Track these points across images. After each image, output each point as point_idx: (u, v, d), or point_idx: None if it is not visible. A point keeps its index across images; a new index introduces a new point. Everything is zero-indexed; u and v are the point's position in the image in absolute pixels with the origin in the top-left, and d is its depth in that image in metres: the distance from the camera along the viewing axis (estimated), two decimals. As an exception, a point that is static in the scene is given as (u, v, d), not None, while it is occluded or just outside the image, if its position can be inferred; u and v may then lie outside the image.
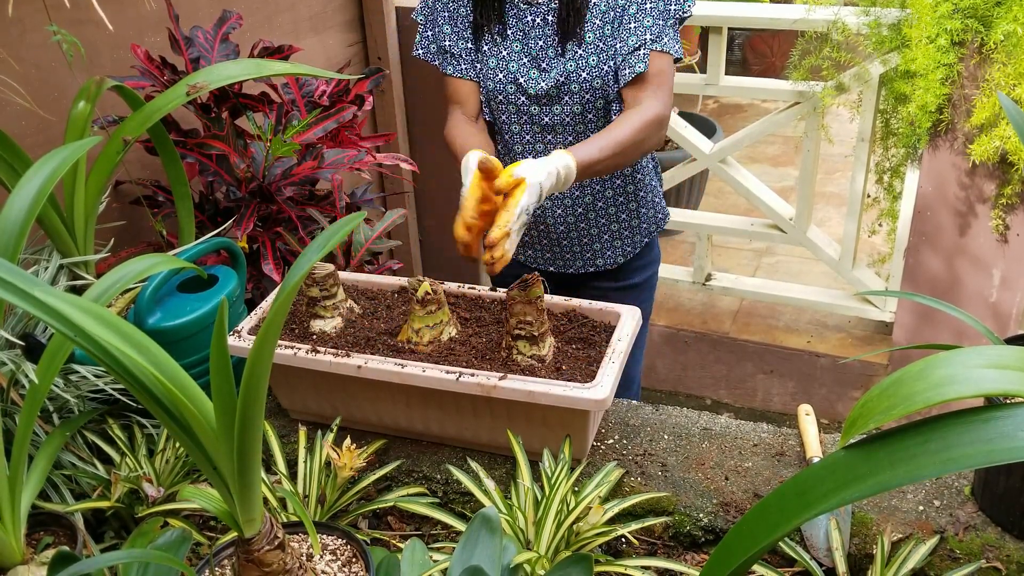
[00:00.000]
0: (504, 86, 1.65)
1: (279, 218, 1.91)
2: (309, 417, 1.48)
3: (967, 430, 0.67)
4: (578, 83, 1.60)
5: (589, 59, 1.59)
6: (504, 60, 1.63)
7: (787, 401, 3.08)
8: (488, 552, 0.99)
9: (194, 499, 0.94)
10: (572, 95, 1.62)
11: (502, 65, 1.64)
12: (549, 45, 1.61)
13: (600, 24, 1.58)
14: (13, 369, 1.24)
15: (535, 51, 1.61)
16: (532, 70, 1.62)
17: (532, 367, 1.31)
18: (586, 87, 1.61)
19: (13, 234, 1.18)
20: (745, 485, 1.29)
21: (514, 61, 1.63)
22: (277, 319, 0.83)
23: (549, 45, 1.61)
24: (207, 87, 1.45)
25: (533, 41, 1.61)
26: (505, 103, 1.67)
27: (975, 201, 2.39)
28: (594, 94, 1.62)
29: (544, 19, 1.60)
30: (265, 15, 2.43)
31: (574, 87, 1.61)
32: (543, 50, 1.61)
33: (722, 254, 3.78)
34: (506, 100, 1.66)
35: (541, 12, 1.60)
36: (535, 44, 1.61)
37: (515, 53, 1.63)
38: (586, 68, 1.59)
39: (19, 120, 1.78)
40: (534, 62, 1.62)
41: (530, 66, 1.62)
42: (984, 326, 1.18)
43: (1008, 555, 1.15)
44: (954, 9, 2.13)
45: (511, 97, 1.65)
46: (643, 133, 1.55)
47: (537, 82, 1.62)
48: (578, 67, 1.60)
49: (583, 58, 1.59)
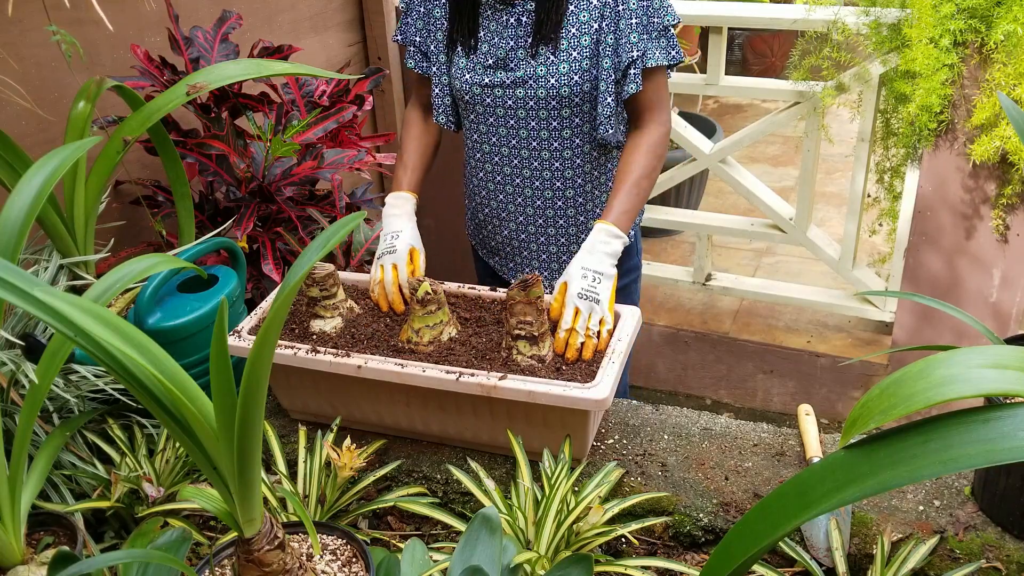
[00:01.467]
0: (471, 87, 1.65)
1: (279, 218, 1.91)
2: (309, 417, 1.48)
3: (967, 430, 0.67)
4: (545, 88, 1.60)
5: (560, 66, 1.58)
6: (472, 61, 1.64)
7: (787, 401, 3.07)
8: (488, 552, 0.99)
9: (194, 499, 0.94)
10: (539, 100, 1.61)
11: (470, 66, 1.64)
12: (520, 47, 1.60)
13: (577, 34, 1.57)
14: (13, 369, 1.24)
15: (505, 51, 1.60)
16: (499, 71, 1.62)
17: (532, 367, 1.31)
18: (553, 93, 1.60)
19: (13, 234, 1.18)
20: (745, 485, 1.29)
21: (480, 62, 1.63)
22: (277, 319, 0.83)
23: (520, 47, 1.60)
24: (207, 87, 1.45)
25: (504, 41, 1.60)
26: (473, 103, 1.67)
27: (975, 201, 2.39)
28: (560, 101, 1.61)
29: (519, 20, 1.59)
30: (265, 15, 2.43)
31: (541, 91, 1.60)
32: (513, 51, 1.60)
33: (722, 254, 3.78)
34: (473, 100, 1.66)
35: (516, 13, 1.59)
36: (506, 44, 1.60)
37: (483, 55, 1.62)
38: (555, 75, 1.58)
39: (19, 120, 1.78)
40: (501, 63, 1.61)
41: (496, 67, 1.62)
42: (984, 326, 1.18)
43: (1008, 555, 1.15)
44: (956, 9, 2.13)
45: (478, 97, 1.65)
46: (654, 158, 1.62)
47: (503, 82, 1.62)
48: (548, 72, 1.59)
49: (555, 64, 1.58)
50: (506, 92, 1.63)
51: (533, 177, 1.71)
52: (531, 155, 1.68)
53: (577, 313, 1.37)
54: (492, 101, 1.64)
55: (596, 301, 1.38)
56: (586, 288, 1.40)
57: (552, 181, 1.71)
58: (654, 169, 1.62)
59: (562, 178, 1.70)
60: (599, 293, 1.40)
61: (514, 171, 1.71)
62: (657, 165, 1.63)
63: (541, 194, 1.73)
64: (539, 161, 1.68)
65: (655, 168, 1.62)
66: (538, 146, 1.67)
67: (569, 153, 1.67)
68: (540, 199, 1.73)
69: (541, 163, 1.69)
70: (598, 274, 1.42)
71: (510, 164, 1.71)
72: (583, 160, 1.69)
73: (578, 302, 1.38)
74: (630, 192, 1.57)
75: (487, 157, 1.73)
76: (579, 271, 1.42)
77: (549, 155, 1.67)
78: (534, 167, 1.69)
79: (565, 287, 1.42)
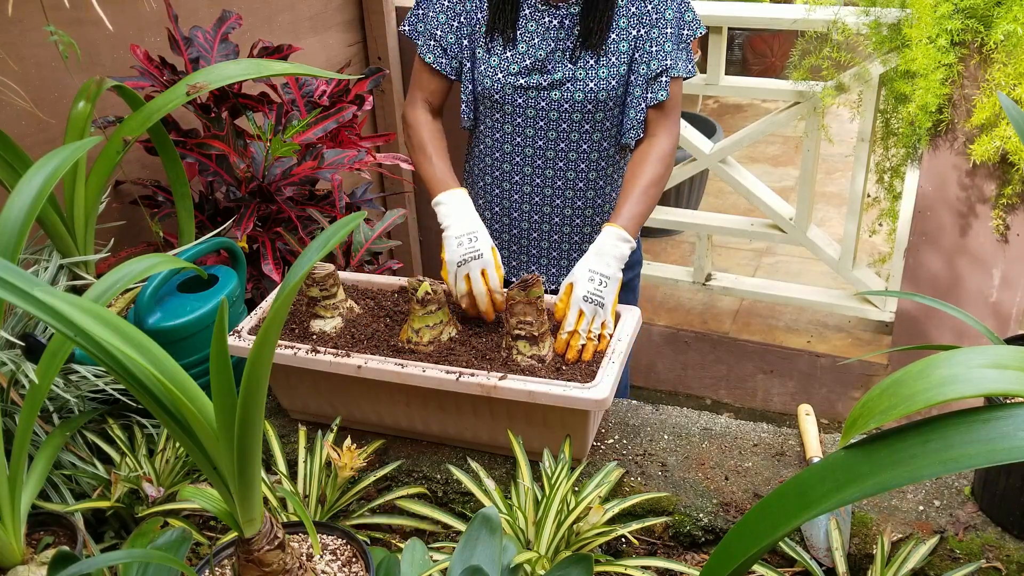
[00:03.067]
0: (503, 87, 1.63)
1: (279, 218, 1.90)
2: (309, 417, 1.48)
3: (967, 430, 0.67)
4: (583, 92, 1.60)
5: (600, 71, 1.59)
6: (507, 60, 1.62)
7: (787, 401, 3.07)
8: (488, 552, 0.99)
9: (194, 499, 0.94)
10: (574, 103, 1.62)
11: (503, 65, 1.62)
12: (560, 49, 1.60)
13: (616, 40, 1.59)
14: (13, 369, 1.24)
15: (545, 53, 1.60)
16: (536, 73, 1.62)
17: (532, 367, 1.31)
18: (591, 97, 1.60)
19: (13, 234, 1.18)
20: (745, 485, 1.29)
21: (516, 63, 1.62)
22: (277, 319, 0.83)
23: (560, 49, 1.60)
24: (207, 87, 1.45)
25: (546, 43, 1.60)
26: (502, 103, 1.65)
27: (975, 201, 2.39)
28: (596, 105, 1.62)
29: (562, 23, 1.58)
30: (265, 15, 2.43)
31: (578, 95, 1.61)
32: (553, 52, 1.60)
33: (722, 254, 3.78)
34: (503, 100, 1.65)
35: (559, 16, 1.59)
36: (547, 46, 1.60)
37: (519, 54, 1.61)
38: (594, 79, 1.59)
39: (19, 120, 1.78)
40: (539, 64, 1.61)
41: (532, 68, 1.61)
42: (984, 326, 1.18)
43: (1008, 555, 1.15)
44: (954, 9, 2.13)
45: (508, 98, 1.64)
46: (663, 166, 1.63)
47: (540, 84, 1.62)
48: (587, 76, 1.59)
49: (594, 69, 1.59)
50: (540, 94, 1.63)
51: (556, 177, 1.71)
52: (557, 156, 1.68)
53: (581, 316, 1.37)
54: (524, 102, 1.64)
55: (601, 305, 1.39)
56: (592, 292, 1.40)
57: (575, 181, 1.71)
58: (662, 178, 1.63)
59: (585, 179, 1.71)
60: (604, 297, 1.40)
61: (535, 171, 1.71)
62: (666, 174, 1.64)
63: (562, 193, 1.73)
64: (564, 161, 1.69)
65: (663, 177, 1.63)
66: (566, 147, 1.67)
67: (596, 155, 1.69)
68: (560, 198, 1.73)
69: (567, 163, 1.69)
70: (605, 278, 1.42)
71: (532, 164, 1.70)
72: (606, 162, 1.71)
73: (583, 305, 1.38)
74: (640, 198, 1.57)
75: (506, 157, 1.72)
76: (586, 274, 1.42)
77: (576, 156, 1.68)
78: (558, 167, 1.70)
79: (571, 288, 1.42)
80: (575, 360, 1.35)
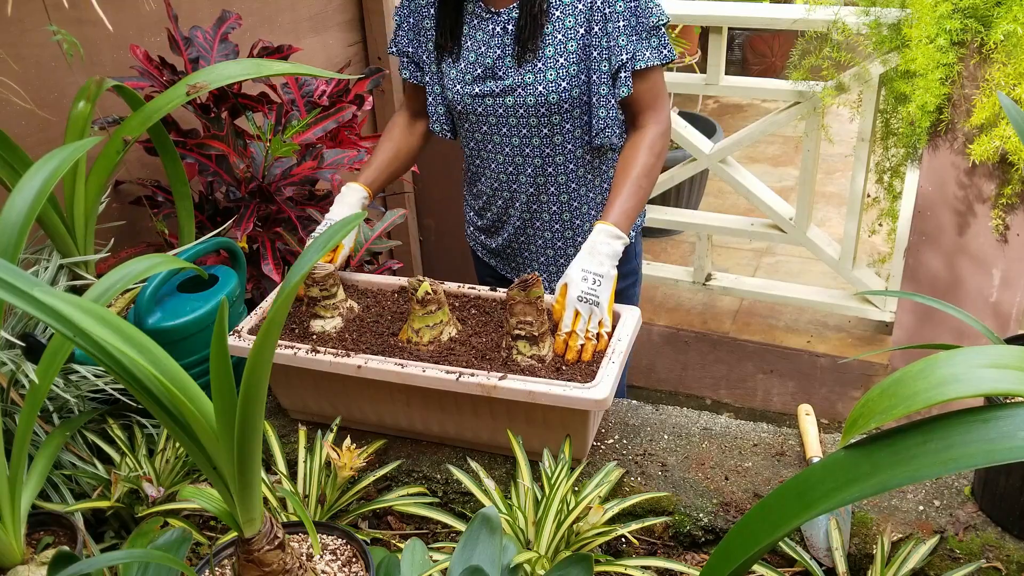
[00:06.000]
0: (462, 97, 1.65)
1: (279, 218, 1.90)
2: (309, 417, 1.48)
3: (967, 430, 0.67)
4: (534, 96, 1.59)
5: (547, 73, 1.57)
6: (461, 71, 1.64)
7: (787, 401, 3.08)
8: (488, 552, 0.99)
9: (194, 499, 0.94)
10: (528, 107, 1.61)
11: (460, 76, 1.64)
12: (507, 55, 1.59)
13: (564, 40, 1.56)
14: (13, 369, 1.24)
15: (492, 60, 1.60)
16: (488, 80, 1.62)
17: (532, 367, 1.31)
18: (542, 100, 1.59)
19: (13, 234, 1.18)
20: (745, 485, 1.29)
21: (469, 72, 1.63)
22: (277, 319, 0.83)
23: (507, 55, 1.59)
24: (207, 87, 1.45)
25: (492, 51, 1.60)
26: (466, 113, 1.67)
27: (975, 201, 2.39)
28: (550, 108, 1.60)
29: (504, 28, 1.58)
30: (265, 15, 2.43)
31: (529, 99, 1.60)
32: (501, 59, 1.60)
33: (722, 254, 3.78)
34: (465, 110, 1.67)
35: (501, 22, 1.58)
36: (492, 53, 1.60)
37: (471, 64, 1.62)
38: (543, 82, 1.58)
39: (19, 120, 1.77)
40: (489, 72, 1.61)
41: (484, 76, 1.61)
42: (984, 326, 1.18)
43: (1008, 555, 1.15)
44: (954, 9, 2.13)
45: (469, 107, 1.65)
46: (653, 156, 1.61)
47: (492, 92, 1.62)
48: (535, 79, 1.58)
49: (541, 71, 1.57)
50: (495, 101, 1.63)
51: (527, 183, 1.72)
52: (524, 161, 1.69)
53: (577, 316, 1.37)
54: (483, 110, 1.65)
55: (596, 304, 1.38)
56: (586, 291, 1.40)
57: (546, 186, 1.71)
58: (653, 167, 1.60)
59: (555, 183, 1.71)
60: (599, 296, 1.40)
61: (510, 177, 1.72)
62: (656, 163, 1.61)
63: (536, 199, 1.74)
64: (532, 167, 1.69)
65: (654, 167, 1.61)
66: (531, 152, 1.67)
67: (562, 159, 1.68)
68: (537, 201, 1.74)
69: (535, 169, 1.69)
70: (598, 276, 1.42)
71: (506, 171, 1.72)
72: (576, 164, 1.70)
73: (578, 305, 1.38)
74: (630, 192, 1.56)
75: (485, 164, 1.74)
76: (579, 273, 1.42)
77: (542, 161, 1.68)
78: (528, 173, 1.70)
79: (566, 289, 1.42)
80: (575, 361, 1.35)
